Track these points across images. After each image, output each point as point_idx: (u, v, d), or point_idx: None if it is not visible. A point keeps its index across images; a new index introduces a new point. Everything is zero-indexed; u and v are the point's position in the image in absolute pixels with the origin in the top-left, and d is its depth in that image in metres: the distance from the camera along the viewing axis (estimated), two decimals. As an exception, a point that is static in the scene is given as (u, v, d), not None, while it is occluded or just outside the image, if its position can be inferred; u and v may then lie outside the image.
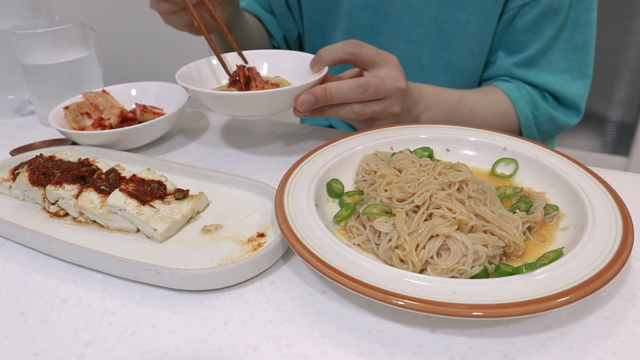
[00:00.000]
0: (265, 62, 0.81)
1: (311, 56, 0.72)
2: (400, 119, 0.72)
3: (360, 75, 0.70)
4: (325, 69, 0.69)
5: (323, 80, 0.68)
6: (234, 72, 0.74)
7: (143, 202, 0.58)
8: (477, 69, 0.88)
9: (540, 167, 0.62)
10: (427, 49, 0.86)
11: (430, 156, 0.66)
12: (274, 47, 1.05)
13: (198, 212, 0.61)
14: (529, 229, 0.53)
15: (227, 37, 0.76)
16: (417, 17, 0.84)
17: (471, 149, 0.67)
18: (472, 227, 0.50)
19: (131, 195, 0.58)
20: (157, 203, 0.59)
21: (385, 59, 0.67)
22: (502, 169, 0.64)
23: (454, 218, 0.50)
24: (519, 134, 0.86)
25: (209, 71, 0.79)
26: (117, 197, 0.58)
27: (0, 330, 0.47)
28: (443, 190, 0.53)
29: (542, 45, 0.81)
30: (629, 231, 0.48)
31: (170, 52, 1.73)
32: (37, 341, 0.45)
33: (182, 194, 0.60)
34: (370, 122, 0.71)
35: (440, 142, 0.68)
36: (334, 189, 0.60)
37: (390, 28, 0.86)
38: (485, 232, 0.50)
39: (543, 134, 0.88)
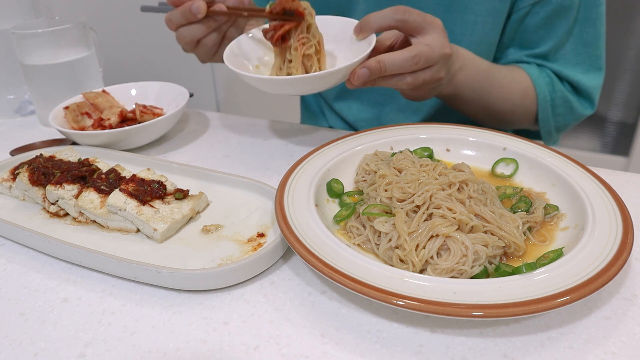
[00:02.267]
0: None
1: (355, 22, 0.71)
2: (443, 81, 0.72)
3: (403, 41, 0.70)
4: (374, 38, 0.68)
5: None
6: (273, 7, 0.71)
7: (143, 202, 0.58)
8: None
9: (540, 167, 0.62)
10: None
11: (430, 156, 0.66)
12: None
13: (198, 212, 0.61)
14: (529, 229, 0.53)
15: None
16: None
17: (471, 149, 0.67)
18: (472, 227, 0.50)
19: (131, 195, 0.58)
20: (157, 203, 0.59)
21: (431, 24, 0.67)
22: (502, 169, 0.64)
23: (454, 218, 0.50)
24: (536, 114, 0.86)
25: (252, 45, 0.78)
26: (117, 197, 0.58)
27: (0, 330, 0.47)
28: (443, 190, 0.53)
29: (555, 42, 0.82)
30: (629, 231, 0.48)
31: (170, 52, 1.73)
32: (37, 341, 0.45)
33: (182, 194, 0.60)
34: (418, 88, 0.71)
35: (440, 142, 0.68)
36: (334, 189, 0.60)
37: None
38: (485, 232, 0.50)
39: (557, 117, 0.87)
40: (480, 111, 0.83)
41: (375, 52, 0.67)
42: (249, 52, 0.77)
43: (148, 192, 0.59)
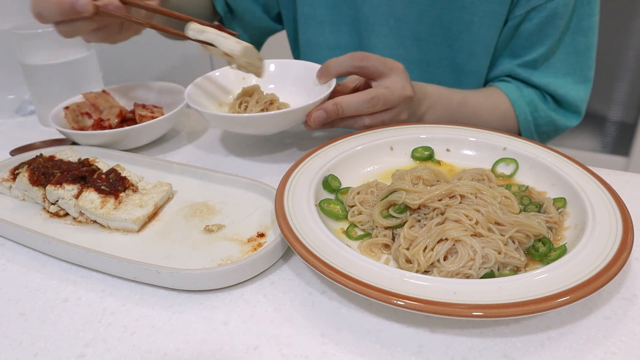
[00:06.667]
0: (274, 66, 0.83)
1: (317, 66, 0.74)
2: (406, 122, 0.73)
3: (366, 83, 0.72)
4: (334, 82, 0.71)
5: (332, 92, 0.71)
6: None
7: (115, 195, 0.61)
8: (481, 71, 0.88)
9: (540, 167, 0.62)
10: (433, 47, 0.87)
11: (431, 156, 0.66)
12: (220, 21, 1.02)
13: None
14: (550, 229, 0.53)
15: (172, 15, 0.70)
16: (423, 16, 0.85)
17: (471, 149, 0.67)
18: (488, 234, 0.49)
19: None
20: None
21: (392, 68, 0.68)
22: (502, 169, 0.64)
23: (471, 225, 0.49)
24: (518, 134, 0.87)
25: (215, 86, 0.81)
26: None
27: (0, 330, 0.47)
28: (463, 197, 0.52)
29: (547, 49, 0.82)
30: (629, 231, 0.48)
31: (171, 52, 1.73)
32: (37, 341, 0.45)
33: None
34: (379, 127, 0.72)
35: (440, 142, 0.68)
36: (330, 184, 0.60)
37: (396, 25, 0.86)
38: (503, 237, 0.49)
39: (542, 135, 0.89)
40: None
41: (338, 94, 0.70)
42: (213, 91, 0.80)
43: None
